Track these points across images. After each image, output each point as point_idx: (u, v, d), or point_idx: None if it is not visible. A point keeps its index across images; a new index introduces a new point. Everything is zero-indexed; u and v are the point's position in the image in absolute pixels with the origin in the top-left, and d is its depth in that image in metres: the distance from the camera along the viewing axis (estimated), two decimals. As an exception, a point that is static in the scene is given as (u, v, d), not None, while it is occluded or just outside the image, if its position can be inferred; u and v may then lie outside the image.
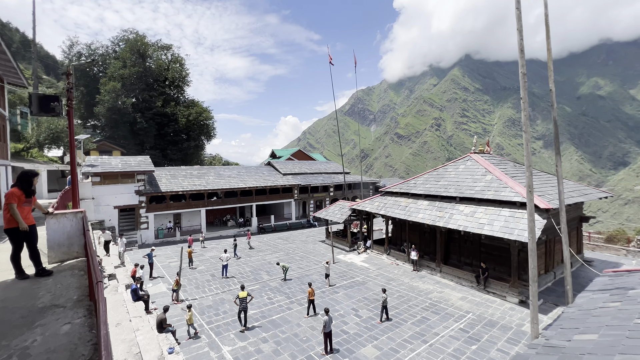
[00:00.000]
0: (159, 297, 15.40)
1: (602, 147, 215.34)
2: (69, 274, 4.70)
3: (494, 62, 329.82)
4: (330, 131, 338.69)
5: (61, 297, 3.68)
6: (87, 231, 4.80)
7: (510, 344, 11.29)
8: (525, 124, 6.20)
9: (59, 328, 2.91)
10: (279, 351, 10.80)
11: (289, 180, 33.77)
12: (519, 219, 14.69)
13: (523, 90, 6.23)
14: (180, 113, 39.59)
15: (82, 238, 5.66)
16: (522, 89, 6.26)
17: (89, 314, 3.21)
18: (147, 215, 25.92)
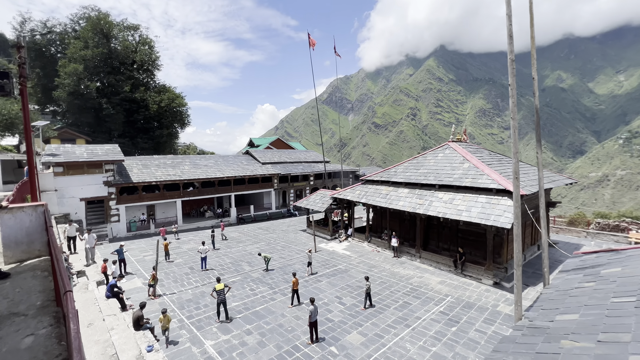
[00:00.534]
0: (134, 292, 14.66)
1: (562, 137, 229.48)
2: (30, 275, 4.16)
3: (467, 54, 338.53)
4: (308, 120, 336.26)
5: (21, 303, 3.21)
6: (50, 227, 4.26)
7: (487, 324, 11.78)
8: (512, 110, 6.21)
9: (20, 341, 2.49)
10: (264, 342, 10.63)
11: (269, 170, 33.11)
12: (494, 205, 15.22)
13: (511, 77, 6.20)
14: (151, 99, 37.24)
15: (44, 235, 5.06)
16: (510, 75, 6.24)
17: (56, 322, 2.79)
18: (118, 207, 24.47)
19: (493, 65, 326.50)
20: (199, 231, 27.35)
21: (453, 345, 10.43)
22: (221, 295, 11.79)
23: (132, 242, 23.47)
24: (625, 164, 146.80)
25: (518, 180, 6.26)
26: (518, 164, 6.15)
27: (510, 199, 15.10)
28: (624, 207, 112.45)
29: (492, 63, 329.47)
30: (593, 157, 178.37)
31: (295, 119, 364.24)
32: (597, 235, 23.15)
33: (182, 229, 27.38)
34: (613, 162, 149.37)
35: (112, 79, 34.45)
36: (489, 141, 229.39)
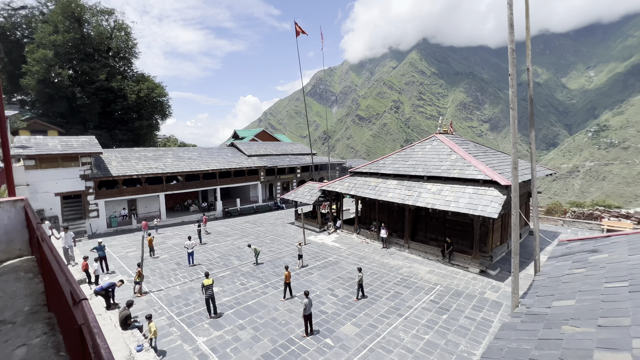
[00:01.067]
0: (118, 290, 14.01)
1: (537, 130, 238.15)
2: (13, 277, 3.78)
3: (448, 47, 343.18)
4: (292, 112, 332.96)
5: (6, 309, 2.87)
6: (38, 223, 3.86)
7: (476, 311, 12.12)
8: (512, 100, 6.22)
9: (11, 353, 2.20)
10: (258, 337, 10.48)
11: (255, 162, 32.50)
12: (482, 196, 15.56)
13: (511, 67, 6.20)
14: (129, 88, 35.38)
15: (25, 232, 4.63)
16: (510, 65, 6.23)
17: (51, 329, 2.50)
18: (97, 202, 23.34)
19: (473, 59, 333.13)
20: (183, 226, 26.61)
21: (445, 333, 10.66)
22: (209, 291, 11.50)
23: (114, 238, 22.53)
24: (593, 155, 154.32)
25: (517, 170, 6.32)
26: (517, 154, 6.20)
27: (497, 189, 15.49)
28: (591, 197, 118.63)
29: (473, 57, 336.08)
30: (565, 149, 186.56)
31: (279, 111, 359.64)
32: (573, 223, 24.28)
33: (166, 223, 26.56)
34: (583, 154, 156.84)
35: (85, 66, 32.46)
36: (468, 134, 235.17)
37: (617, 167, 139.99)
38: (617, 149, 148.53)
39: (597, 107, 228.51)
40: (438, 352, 9.63)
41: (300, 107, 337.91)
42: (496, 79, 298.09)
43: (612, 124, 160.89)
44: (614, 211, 23.18)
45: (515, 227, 6.72)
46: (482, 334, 10.57)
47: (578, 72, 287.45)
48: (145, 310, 12.25)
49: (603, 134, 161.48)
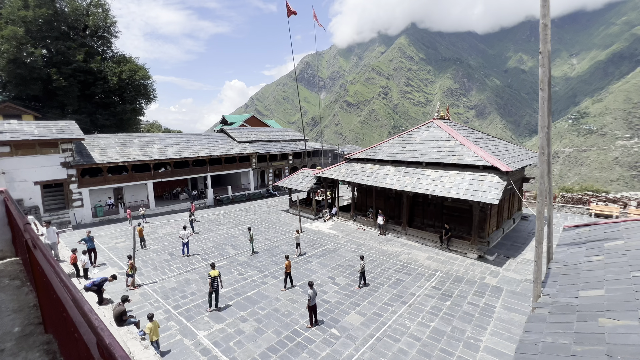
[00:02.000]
0: (109, 284, 13.39)
1: (520, 117, 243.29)
2: (-3, 284, 3.18)
3: (436, 33, 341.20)
4: (279, 97, 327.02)
5: (-7, 328, 2.30)
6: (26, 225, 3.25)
7: (478, 297, 12.15)
8: (542, 81, 5.85)
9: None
10: (261, 329, 10.15)
11: (246, 149, 31.54)
12: (482, 182, 15.46)
13: (543, 44, 5.78)
14: (110, 70, 33.21)
15: (6, 230, 3.97)
16: (541, 42, 5.81)
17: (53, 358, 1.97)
18: (80, 191, 22.12)
19: (461, 45, 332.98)
20: (173, 214, 25.75)
21: (450, 320, 10.63)
22: (215, 283, 11.05)
23: (100, 228, 21.54)
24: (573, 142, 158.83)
25: (546, 155, 6.01)
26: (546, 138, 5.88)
27: (497, 175, 15.41)
28: (569, 182, 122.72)
29: (460, 43, 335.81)
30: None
31: (266, 96, 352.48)
32: (562, 208, 24.84)
33: (155, 212, 25.62)
34: (563, 140, 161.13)
35: (61, 45, 30.14)
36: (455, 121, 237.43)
37: (595, 153, 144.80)
38: (595, 136, 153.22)
39: (578, 94, 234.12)
40: (445, 340, 9.57)
41: (287, 93, 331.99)
42: (483, 65, 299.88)
43: (591, 111, 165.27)
44: (601, 196, 23.78)
45: (539, 215, 6.47)
46: (487, 320, 10.58)
47: (561, 59, 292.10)
48: (140, 304, 11.73)
49: (583, 120, 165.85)
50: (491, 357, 8.82)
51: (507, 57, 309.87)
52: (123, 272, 14.43)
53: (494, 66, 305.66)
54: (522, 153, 20.00)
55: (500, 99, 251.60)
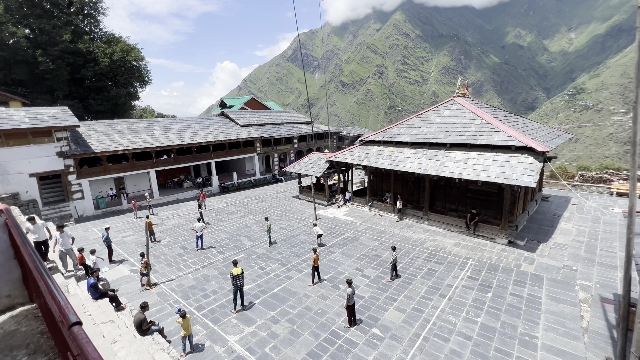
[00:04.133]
0: (122, 282, 12.50)
1: (517, 94, 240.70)
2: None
3: (432, 8, 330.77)
4: (273, 79, 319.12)
5: None
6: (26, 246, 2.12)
7: (519, 287, 11.45)
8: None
9: None
10: (296, 331, 9.34)
11: (250, 133, 30.04)
12: (514, 163, 14.48)
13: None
14: (100, 51, 30.83)
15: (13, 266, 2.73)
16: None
17: None
18: (80, 182, 20.77)
19: (457, 20, 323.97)
20: (179, 204, 24.60)
21: (497, 314, 9.91)
22: (239, 281, 10.11)
23: (104, 221, 20.39)
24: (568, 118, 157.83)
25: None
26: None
27: (532, 156, 14.42)
28: (564, 158, 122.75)
29: (457, 18, 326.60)
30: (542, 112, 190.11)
31: (259, 77, 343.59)
32: (582, 188, 24.14)
33: (160, 202, 24.44)
34: (559, 117, 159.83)
35: (45, 24, 27.67)
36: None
37: (590, 129, 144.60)
38: (590, 112, 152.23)
39: (575, 69, 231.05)
40: (498, 337, 8.86)
41: (281, 74, 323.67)
42: (480, 41, 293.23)
43: (588, 86, 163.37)
44: (623, 174, 23.06)
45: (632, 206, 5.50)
46: (536, 313, 9.89)
47: (560, 33, 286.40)
48: (158, 306, 10.83)
49: (579, 96, 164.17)
50: (552, 356, 8.13)
51: (505, 33, 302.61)
52: (135, 270, 13.49)
53: (491, 42, 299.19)
54: (550, 131, 18.96)
55: (497, 76, 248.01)
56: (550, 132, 19.17)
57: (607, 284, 11.46)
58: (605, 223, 17.26)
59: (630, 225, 6.98)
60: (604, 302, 10.35)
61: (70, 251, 9.89)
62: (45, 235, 9.42)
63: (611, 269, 12.47)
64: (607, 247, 14.44)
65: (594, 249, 14.23)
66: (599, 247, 14.39)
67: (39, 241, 9.00)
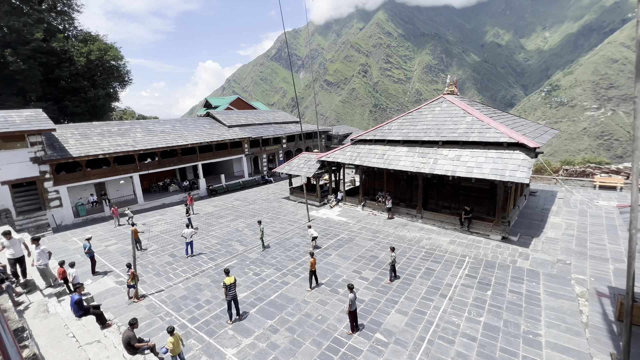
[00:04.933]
0: (107, 295, 11.74)
1: (497, 91, 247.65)
2: None
3: (414, 7, 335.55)
4: (257, 78, 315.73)
5: None
6: None
7: (517, 283, 11.45)
8: None
9: None
10: (297, 341, 8.95)
11: (237, 133, 29.26)
12: (507, 160, 14.57)
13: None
14: (76, 50, 29.21)
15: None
16: None
17: None
18: (57, 189, 19.55)
19: (438, 20, 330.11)
20: (165, 208, 23.65)
21: (498, 312, 9.84)
22: (232, 291, 9.61)
23: (85, 229, 19.32)
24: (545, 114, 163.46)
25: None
26: None
27: (523, 152, 14.54)
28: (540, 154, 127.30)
29: (438, 18, 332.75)
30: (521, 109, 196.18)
31: (243, 77, 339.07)
32: (566, 182, 24.76)
33: (145, 207, 23.42)
34: (536, 113, 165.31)
35: (14, 22, 25.94)
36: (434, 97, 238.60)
37: (565, 125, 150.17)
38: (565, 108, 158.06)
39: (551, 67, 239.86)
40: (502, 337, 8.76)
41: (265, 73, 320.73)
42: (460, 40, 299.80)
43: (562, 83, 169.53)
44: (604, 167, 23.78)
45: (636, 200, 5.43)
46: (536, 309, 9.87)
47: (536, 32, 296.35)
48: (148, 320, 10.20)
49: (554, 93, 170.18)
50: (557, 354, 8.08)
51: (484, 32, 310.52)
52: (120, 282, 12.73)
53: (471, 41, 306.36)
54: (537, 127, 19.28)
55: (477, 74, 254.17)
56: (538, 128, 19.51)
57: (600, 277, 11.62)
58: (592, 216, 17.67)
59: (633, 220, 6.96)
60: (600, 296, 10.46)
61: (47, 267, 9.08)
62: (21, 252, 8.63)
63: (603, 262, 12.67)
64: (596, 240, 14.73)
65: (584, 242, 14.49)
66: (589, 240, 14.67)
67: (14, 258, 8.22)
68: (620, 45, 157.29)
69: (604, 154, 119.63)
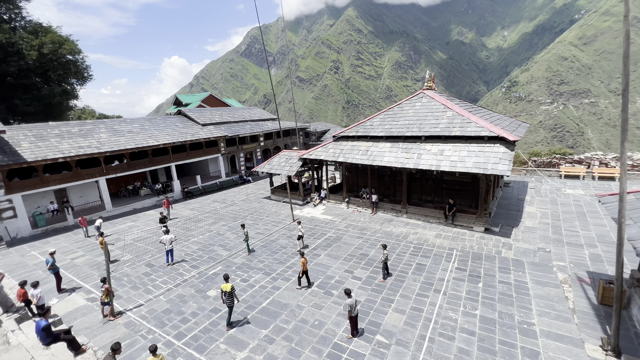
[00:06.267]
0: (78, 315, 10.58)
1: (462, 87, 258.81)
2: None
3: (382, 4, 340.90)
4: (227, 75, 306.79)
5: None
6: None
7: (505, 273, 11.73)
8: None
9: None
10: (296, 350, 8.50)
11: (212, 132, 27.90)
12: (488, 153, 14.92)
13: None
14: (25, 43, 26.22)
15: None
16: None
17: None
18: (10, 197, 17.43)
19: (406, 17, 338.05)
20: (137, 214, 22.03)
21: (492, 304, 9.98)
22: (229, 299, 9.11)
23: (46, 241, 17.47)
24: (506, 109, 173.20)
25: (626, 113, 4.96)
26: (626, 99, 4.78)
27: (503, 146, 14.95)
28: None
29: (405, 15, 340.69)
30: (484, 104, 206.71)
31: (212, 74, 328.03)
32: (535, 172, 26.13)
33: (114, 214, 21.67)
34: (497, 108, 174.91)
35: (-53, 10, 22.79)
36: (404, 93, 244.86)
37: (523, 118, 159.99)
38: (523, 102, 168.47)
39: (510, 64, 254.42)
40: (499, 329, 8.86)
41: (235, 70, 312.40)
42: (427, 37, 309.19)
43: (520, 80, 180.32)
44: (568, 158, 25.34)
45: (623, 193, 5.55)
46: (526, 299, 10.14)
47: (495, 31, 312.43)
48: (128, 340, 9.29)
49: (513, 89, 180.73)
50: (552, 342, 8.28)
51: (449, 30, 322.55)
52: (92, 298, 11.56)
53: (437, 38, 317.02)
54: (511, 121, 20.03)
55: (444, 70, 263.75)
56: (512, 122, 20.29)
57: (579, 262, 12.20)
58: (562, 204, 18.69)
59: (622, 210, 7.22)
60: (581, 282, 10.95)
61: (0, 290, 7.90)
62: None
63: (579, 248, 13.35)
64: (569, 227, 15.54)
65: (559, 230, 15.22)
66: (563, 228, 15.45)
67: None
68: (569, 44, 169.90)
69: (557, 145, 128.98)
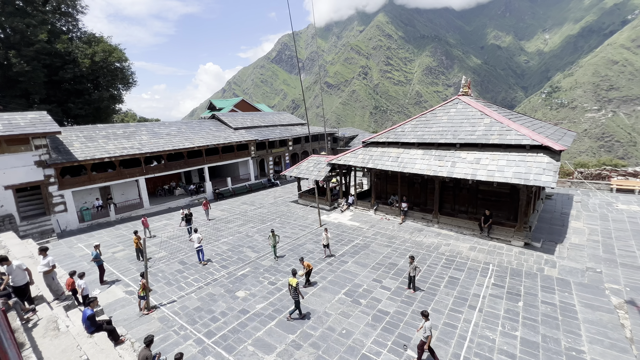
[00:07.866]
0: (117, 306, 11.16)
1: (497, 93, 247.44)
2: None
3: (414, 9, 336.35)
4: (257, 81, 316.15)
5: None
6: None
7: (549, 293, 10.87)
8: None
9: None
10: (323, 358, 8.36)
11: (244, 136, 28.74)
12: (530, 163, 14.01)
13: None
14: (80, 52, 28.74)
15: None
16: None
17: None
18: (62, 193, 18.99)
19: (438, 22, 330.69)
20: (171, 212, 23.08)
21: (534, 326, 9.25)
22: (295, 293, 9.69)
23: (90, 235, 18.75)
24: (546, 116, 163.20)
25: None
26: None
27: (548, 155, 13.99)
28: None
29: (437, 20, 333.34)
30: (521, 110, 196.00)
31: (244, 79, 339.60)
32: (581, 184, 24.22)
33: (151, 211, 22.86)
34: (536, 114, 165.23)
35: (18, 23, 25.50)
36: (434, 99, 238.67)
37: (566, 126, 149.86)
38: (566, 109, 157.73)
39: (551, 69, 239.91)
40: (543, 354, 8.17)
41: (265, 75, 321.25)
42: (460, 42, 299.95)
43: (562, 85, 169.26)
44: (621, 170, 23.25)
45: None
46: (574, 323, 9.29)
47: (535, 34, 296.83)
48: (162, 334, 9.63)
49: (555, 95, 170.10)
50: (606, 373, 7.49)
51: (484, 34, 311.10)
52: (130, 291, 12.16)
53: (471, 43, 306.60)
54: (556, 130, 18.76)
55: (477, 76, 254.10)
56: (556, 130, 18.99)
57: (636, 286, 11.05)
58: (615, 221, 17.12)
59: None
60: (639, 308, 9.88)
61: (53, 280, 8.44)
62: (24, 279, 7.83)
63: (636, 270, 12.10)
64: (624, 246, 14.17)
65: (612, 249, 13.92)
66: (617, 247, 14.10)
67: (15, 287, 7.55)
68: (620, 47, 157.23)
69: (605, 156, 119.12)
